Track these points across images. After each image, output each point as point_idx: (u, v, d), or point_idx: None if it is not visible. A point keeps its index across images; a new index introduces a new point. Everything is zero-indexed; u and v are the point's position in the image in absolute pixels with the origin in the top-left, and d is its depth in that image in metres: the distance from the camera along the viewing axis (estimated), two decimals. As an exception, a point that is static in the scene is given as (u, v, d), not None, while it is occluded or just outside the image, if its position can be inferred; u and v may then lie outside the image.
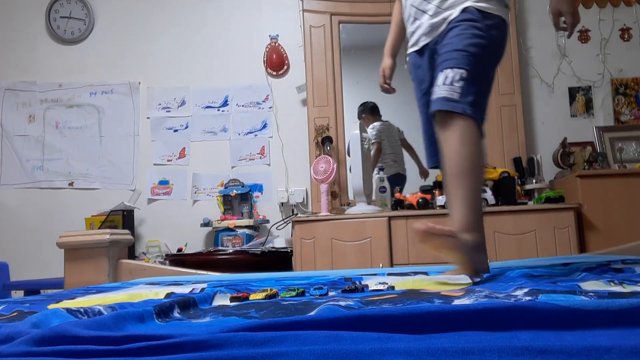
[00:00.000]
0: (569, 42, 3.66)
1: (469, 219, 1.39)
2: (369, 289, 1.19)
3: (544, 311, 0.65)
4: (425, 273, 1.64)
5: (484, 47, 1.57)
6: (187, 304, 0.97)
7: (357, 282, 1.38)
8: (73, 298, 1.32)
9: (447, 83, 1.50)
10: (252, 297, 1.08)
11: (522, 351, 0.51)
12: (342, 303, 0.84)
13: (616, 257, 1.84)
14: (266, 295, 1.09)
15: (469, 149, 1.44)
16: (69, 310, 0.89)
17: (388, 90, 1.98)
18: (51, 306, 1.09)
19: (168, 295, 1.24)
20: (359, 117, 3.62)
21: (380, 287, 1.16)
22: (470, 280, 1.32)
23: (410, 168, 3.65)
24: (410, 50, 1.77)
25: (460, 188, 1.43)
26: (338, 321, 0.67)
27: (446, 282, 1.31)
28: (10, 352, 0.59)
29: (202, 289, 1.45)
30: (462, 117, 1.46)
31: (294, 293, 1.15)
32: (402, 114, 3.75)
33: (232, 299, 1.09)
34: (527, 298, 0.81)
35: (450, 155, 1.45)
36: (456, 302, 0.84)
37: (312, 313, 0.79)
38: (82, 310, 0.91)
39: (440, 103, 1.49)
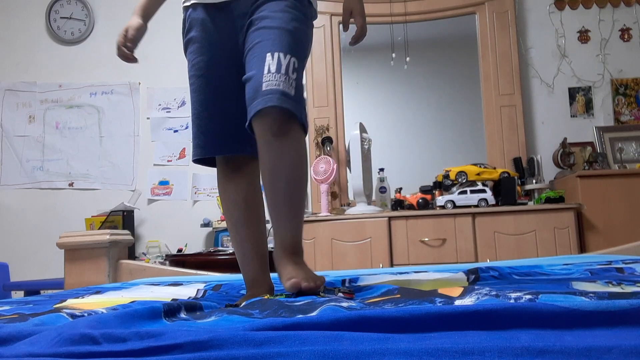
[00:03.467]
0: (569, 42, 3.67)
1: (300, 238, 1.25)
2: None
3: (543, 312, 0.65)
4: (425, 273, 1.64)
5: (307, 37, 1.32)
6: (194, 307, 0.97)
7: (352, 285, 1.39)
8: (75, 298, 1.32)
9: (281, 71, 1.16)
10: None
11: (522, 351, 0.51)
12: (344, 304, 0.85)
13: (616, 257, 1.85)
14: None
15: (304, 161, 1.24)
16: (73, 316, 0.89)
17: (127, 55, 1.46)
18: (56, 306, 1.09)
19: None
20: None
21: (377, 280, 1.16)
22: (465, 278, 1.32)
23: (411, 167, 3.65)
24: (195, 1, 1.36)
25: (295, 207, 1.24)
26: (339, 322, 0.67)
27: (444, 282, 1.32)
28: (12, 353, 0.59)
29: (204, 292, 1.45)
30: (297, 122, 1.19)
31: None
32: (402, 115, 3.76)
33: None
34: (527, 298, 0.81)
35: (284, 168, 1.19)
36: (457, 302, 0.84)
37: (314, 313, 0.80)
38: (85, 314, 0.91)
39: (278, 97, 1.14)
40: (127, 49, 1.45)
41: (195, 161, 1.37)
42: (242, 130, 1.29)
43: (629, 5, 3.67)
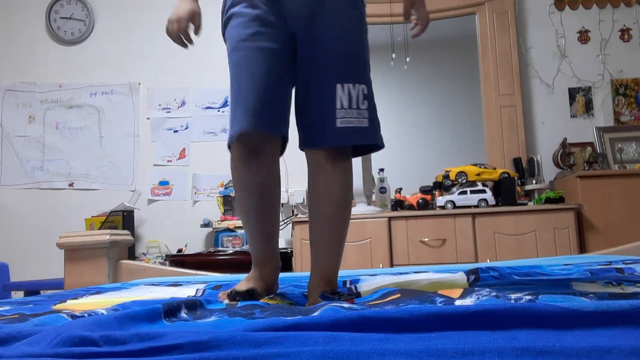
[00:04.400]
0: (569, 42, 3.67)
1: (337, 270, 1.26)
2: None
3: (543, 312, 0.65)
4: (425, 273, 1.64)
5: (367, 44, 1.33)
6: (194, 305, 0.97)
7: (353, 287, 1.39)
8: (75, 298, 1.32)
9: (353, 105, 1.22)
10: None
11: (522, 352, 0.51)
12: (345, 305, 0.85)
13: (616, 258, 1.85)
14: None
15: (351, 190, 1.29)
16: (73, 317, 0.89)
17: (188, 42, 1.44)
18: (56, 306, 1.09)
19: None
20: None
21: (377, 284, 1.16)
22: (465, 279, 1.32)
23: (411, 167, 3.65)
24: None
25: (339, 235, 1.27)
26: (339, 322, 0.67)
27: (444, 283, 1.32)
28: (12, 353, 0.59)
29: (204, 291, 1.45)
30: (348, 152, 1.26)
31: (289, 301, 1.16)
32: (402, 115, 3.76)
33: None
34: (527, 299, 0.81)
35: (333, 192, 1.25)
36: (457, 302, 0.84)
37: (316, 314, 0.80)
38: (85, 314, 0.91)
39: (353, 137, 1.21)
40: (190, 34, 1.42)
41: (236, 137, 1.23)
42: (279, 107, 1.26)
43: (629, 6, 3.67)
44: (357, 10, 1.32)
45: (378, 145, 1.29)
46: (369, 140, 1.24)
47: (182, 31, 1.39)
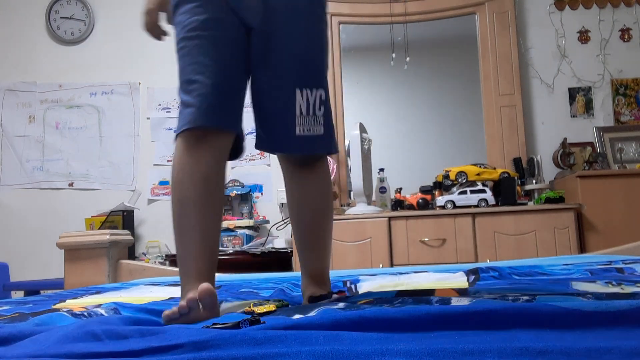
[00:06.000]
0: (569, 42, 3.67)
1: (327, 269, 1.24)
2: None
3: (543, 312, 0.65)
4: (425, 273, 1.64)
5: (327, 45, 1.26)
6: None
7: (353, 287, 1.39)
8: (75, 298, 1.32)
9: (311, 112, 1.16)
10: (259, 309, 1.01)
11: (521, 352, 0.51)
12: (341, 305, 0.85)
13: (616, 258, 1.85)
14: (274, 307, 1.00)
15: (331, 191, 1.27)
16: (73, 315, 0.89)
17: (160, 34, 1.36)
18: (56, 306, 1.09)
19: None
20: None
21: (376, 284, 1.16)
22: (465, 279, 1.32)
23: (411, 167, 3.65)
24: None
25: (321, 237, 1.24)
26: (339, 322, 0.67)
27: (444, 283, 1.32)
28: (13, 353, 0.59)
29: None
30: (325, 155, 1.24)
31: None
32: (402, 115, 3.76)
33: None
34: (526, 299, 0.81)
35: (316, 201, 1.22)
36: (457, 302, 0.84)
37: (313, 313, 0.80)
38: (85, 313, 0.91)
39: (311, 145, 1.18)
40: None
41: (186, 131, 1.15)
42: (234, 103, 1.17)
43: (629, 6, 3.67)
44: (318, 8, 1.23)
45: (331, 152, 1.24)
46: (322, 149, 1.20)
47: (153, 23, 1.29)
